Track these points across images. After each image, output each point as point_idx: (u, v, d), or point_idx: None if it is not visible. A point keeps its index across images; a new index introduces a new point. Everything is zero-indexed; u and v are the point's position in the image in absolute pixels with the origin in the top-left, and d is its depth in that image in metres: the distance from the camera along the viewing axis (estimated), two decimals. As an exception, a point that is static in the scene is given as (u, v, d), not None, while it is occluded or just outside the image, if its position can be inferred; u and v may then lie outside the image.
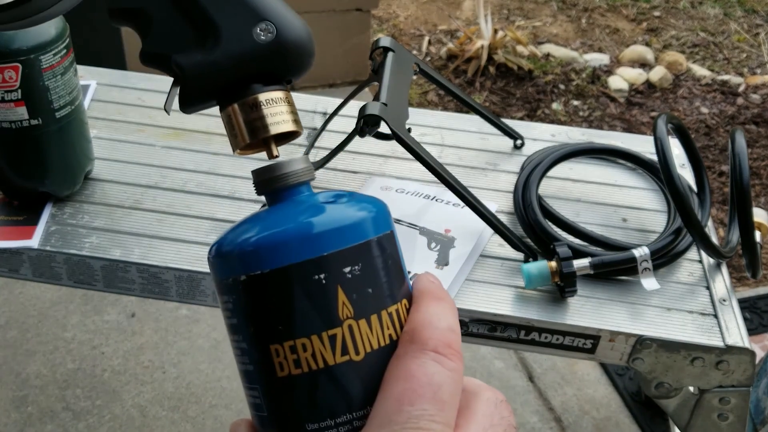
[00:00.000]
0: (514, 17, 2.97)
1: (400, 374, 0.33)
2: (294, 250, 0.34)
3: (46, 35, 0.88)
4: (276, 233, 0.35)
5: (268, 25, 0.38)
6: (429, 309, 0.36)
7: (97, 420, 1.48)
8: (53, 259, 0.92)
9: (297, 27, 0.39)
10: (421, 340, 0.34)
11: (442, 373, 0.33)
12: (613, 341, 0.86)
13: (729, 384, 0.87)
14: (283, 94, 0.40)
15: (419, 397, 0.32)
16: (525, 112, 2.42)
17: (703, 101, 2.50)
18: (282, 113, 0.39)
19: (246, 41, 0.38)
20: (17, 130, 0.90)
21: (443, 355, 0.34)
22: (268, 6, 0.39)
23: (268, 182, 0.38)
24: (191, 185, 1.02)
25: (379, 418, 0.33)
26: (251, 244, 0.35)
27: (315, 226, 0.35)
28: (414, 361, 0.34)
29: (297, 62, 0.40)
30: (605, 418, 1.53)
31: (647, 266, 0.89)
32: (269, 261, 0.34)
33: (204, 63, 0.38)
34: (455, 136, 1.15)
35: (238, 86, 0.39)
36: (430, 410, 0.32)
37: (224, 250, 0.36)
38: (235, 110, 0.39)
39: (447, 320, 0.36)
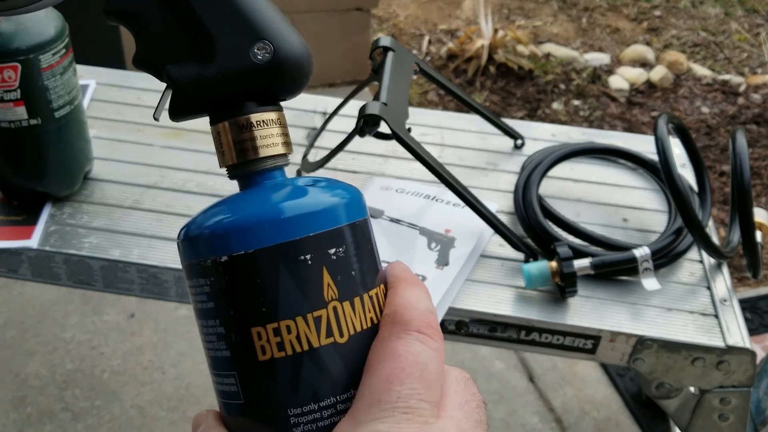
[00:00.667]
0: (514, 17, 2.97)
1: (386, 354, 0.34)
2: (281, 229, 0.34)
3: (45, 35, 0.88)
4: (263, 212, 0.35)
5: (266, 44, 0.37)
6: (407, 293, 0.37)
7: (97, 420, 1.48)
8: (52, 259, 0.92)
9: (295, 47, 0.38)
10: (404, 321, 0.35)
11: (427, 352, 0.34)
12: (613, 341, 0.86)
13: (730, 384, 0.87)
14: (276, 115, 0.38)
15: (408, 376, 0.33)
16: (525, 111, 2.42)
17: (703, 101, 2.49)
18: (272, 135, 0.38)
19: (242, 59, 0.37)
20: (16, 129, 0.90)
21: (426, 335, 0.35)
22: (267, 24, 0.37)
23: (244, 165, 0.38)
24: (191, 185, 1.02)
25: (368, 398, 0.33)
26: (235, 223, 0.35)
27: (304, 206, 0.35)
28: (399, 342, 0.34)
29: (293, 83, 0.39)
30: (606, 418, 1.53)
31: (648, 266, 0.89)
32: (254, 240, 0.34)
33: (196, 78, 0.37)
34: (455, 135, 1.14)
35: (230, 104, 0.38)
36: (418, 389, 0.33)
37: (201, 230, 0.35)
38: (225, 128, 0.38)
39: (425, 302, 0.37)
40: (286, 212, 0.35)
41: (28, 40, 0.87)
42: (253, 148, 0.38)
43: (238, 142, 0.38)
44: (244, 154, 0.38)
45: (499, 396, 1.56)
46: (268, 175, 0.38)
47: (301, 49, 0.38)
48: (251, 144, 0.38)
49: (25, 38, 0.87)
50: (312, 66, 0.39)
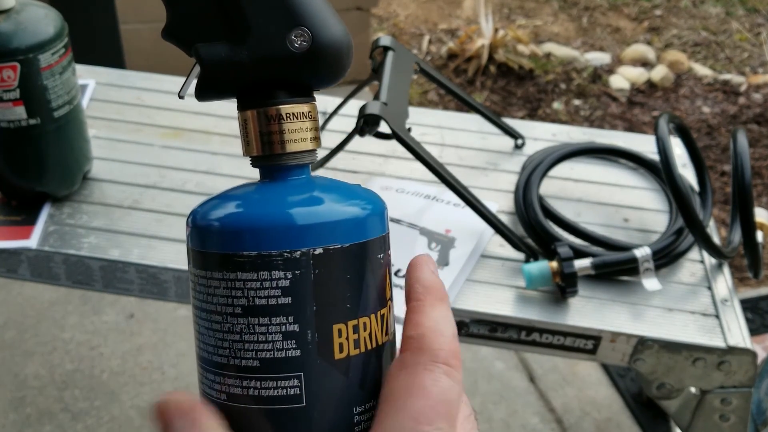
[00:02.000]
0: (515, 16, 2.97)
1: (413, 388, 0.33)
2: (370, 226, 0.35)
3: (44, 34, 0.88)
4: (359, 209, 0.35)
5: (304, 32, 0.34)
6: (435, 313, 0.35)
7: (96, 421, 1.48)
8: (51, 260, 0.92)
9: (336, 36, 0.35)
10: (432, 349, 0.34)
11: (454, 388, 0.33)
12: (614, 342, 0.86)
13: (731, 385, 0.87)
14: (308, 107, 0.36)
15: (436, 416, 0.32)
16: (526, 111, 2.42)
17: (704, 101, 2.49)
18: (302, 130, 0.36)
19: (277, 46, 0.34)
20: (15, 129, 0.90)
21: (452, 367, 0.34)
22: (307, 9, 0.35)
23: (269, 158, 0.36)
24: (190, 185, 1.02)
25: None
26: (328, 215, 0.34)
27: (380, 207, 0.36)
28: (428, 375, 0.33)
29: (330, 74, 0.36)
30: (606, 419, 1.52)
31: (649, 266, 0.89)
32: (349, 235, 0.34)
33: (226, 60, 0.35)
34: (456, 135, 1.14)
35: (260, 91, 0.36)
36: (444, 428, 0.32)
37: (284, 221, 0.33)
38: (253, 117, 0.36)
39: (451, 326, 0.35)
40: (371, 210, 0.35)
41: (27, 39, 0.86)
42: (279, 142, 0.36)
43: (266, 134, 0.36)
44: (270, 147, 0.36)
45: (499, 396, 1.55)
46: (295, 172, 0.36)
47: (342, 38, 0.35)
48: (278, 138, 0.36)
49: (24, 38, 0.86)
50: (351, 56, 0.36)
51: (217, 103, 1.16)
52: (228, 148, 1.08)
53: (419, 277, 0.37)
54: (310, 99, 0.36)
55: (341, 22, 0.36)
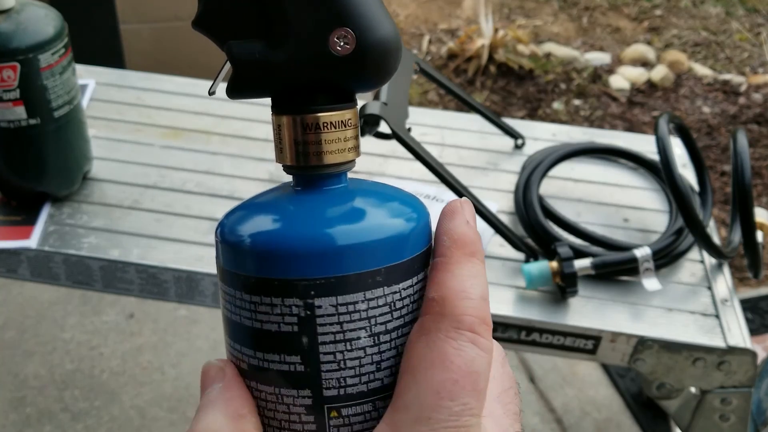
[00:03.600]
0: (515, 16, 2.97)
1: (435, 359, 0.29)
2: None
3: (44, 34, 0.88)
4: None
5: (348, 33, 0.31)
6: (461, 270, 0.31)
7: (96, 421, 1.47)
8: (51, 260, 0.92)
9: (382, 38, 0.31)
10: (455, 314, 0.30)
11: (480, 357, 0.29)
12: (614, 342, 0.86)
13: (731, 385, 0.87)
14: (350, 114, 0.33)
15: (461, 390, 0.29)
16: (526, 111, 2.42)
17: (704, 101, 2.49)
18: (341, 140, 0.32)
19: (316, 47, 0.31)
20: (15, 129, 0.90)
21: (479, 334, 0.30)
22: (352, 7, 0.31)
23: (304, 168, 0.33)
24: (190, 185, 1.02)
25: (414, 411, 0.29)
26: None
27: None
28: (450, 344, 0.29)
29: (374, 79, 0.32)
30: (606, 419, 1.52)
31: (649, 266, 0.89)
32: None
33: (261, 60, 0.31)
34: (456, 135, 1.14)
35: (297, 95, 0.32)
36: (470, 403, 0.29)
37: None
38: (288, 124, 0.32)
39: (481, 287, 0.31)
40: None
41: (27, 39, 0.86)
42: (316, 153, 0.32)
43: (302, 144, 0.32)
44: (305, 158, 0.32)
45: (499, 396, 1.55)
46: (332, 181, 0.33)
47: (389, 40, 0.32)
48: (315, 149, 0.32)
49: (24, 38, 0.86)
50: (400, 57, 0.33)
51: (217, 103, 1.16)
52: (228, 148, 1.08)
53: (448, 228, 0.32)
54: (351, 105, 0.33)
55: (390, 19, 0.32)
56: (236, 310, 0.32)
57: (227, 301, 0.33)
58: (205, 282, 0.90)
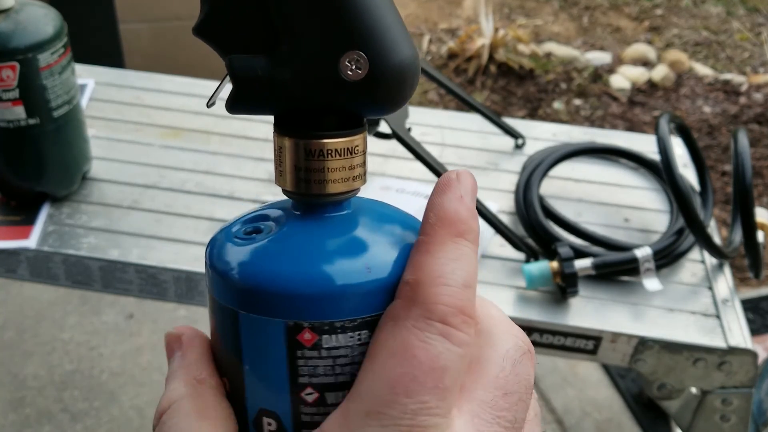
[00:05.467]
0: (515, 16, 2.97)
1: (397, 349, 0.26)
2: None
3: (43, 34, 0.87)
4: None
5: (359, 57, 0.28)
6: (442, 253, 0.28)
7: (95, 422, 1.47)
8: (51, 260, 0.92)
9: (398, 62, 0.28)
10: (426, 302, 0.27)
11: (449, 352, 0.26)
12: (614, 342, 0.86)
13: (731, 385, 0.86)
14: (359, 141, 0.30)
15: (419, 387, 0.26)
16: (526, 111, 2.42)
17: (705, 100, 2.49)
18: (347, 168, 0.30)
19: (326, 71, 0.28)
20: (15, 129, 0.90)
21: (453, 326, 0.27)
22: (367, 28, 0.28)
23: (304, 195, 0.30)
24: (190, 185, 1.02)
25: (366, 403, 0.26)
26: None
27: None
28: (416, 334, 0.26)
29: (387, 105, 0.29)
30: (607, 419, 1.52)
31: (649, 267, 0.88)
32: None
33: (263, 77, 0.29)
34: (456, 135, 1.14)
35: (301, 119, 0.29)
36: (429, 402, 0.26)
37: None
38: (290, 147, 0.30)
39: (464, 272, 0.27)
40: None
41: (26, 39, 0.86)
42: (318, 182, 0.29)
43: (303, 170, 0.30)
44: (307, 186, 0.30)
45: (499, 396, 1.55)
46: (335, 208, 0.30)
47: (406, 65, 0.29)
48: (317, 177, 0.29)
49: (23, 37, 0.86)
50: (416, 83, 0.30)
51: (217, 103, 1.16)
52: (227, 147, 1.08)
53: (435, 203, 0.29)
54: (360, 130, 0.30)
55: (409, 42, 0.29)
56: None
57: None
58: (205, 282, 0.90)
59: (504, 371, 0.28)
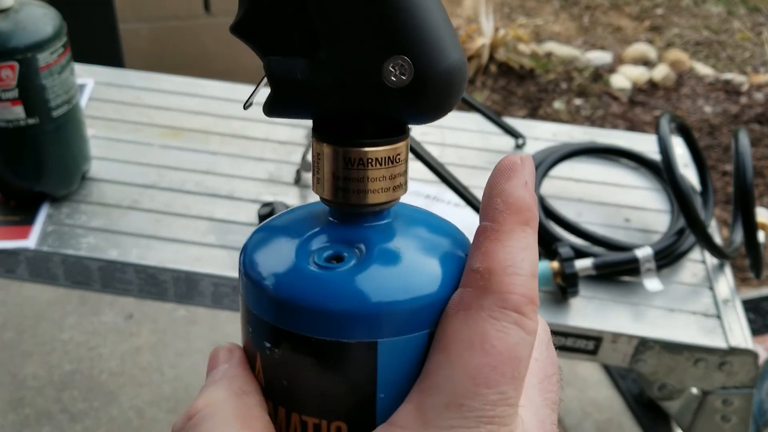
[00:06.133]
0: (515, 15, 2.96)
1: (475, 339, 0.26)
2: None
3: (42, 33, 0.87)
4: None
5: (404, 62, 0.27)
6: (513, 241, 0.27)
7: (95, 422, 1.47)
8: (50, 260, 0.91)
9: (445, 68, 0.27)
10: (501, 291, 0.26)
11: (524, 342, 0.26)
12: (615, 342, 0.86)
13: (732, 385, 0.86)
14: (401, 149, 0.29)
15: (500, 377, 0.26)
16: (527, 111, 2.41)
17: (706, 100, 2.49)
18: (388, 178, 0.28)
19: (368, 77, 0.27)
20: (14, 129, 0.90)
21: (525, 315, 0.26)
22: (413, 33, 0.27)
23: (343, 205, 0.29)
24: (189, 185, 1.01)
25: (446, 396, 0.26)
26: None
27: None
28: (492, 324, 0.26)
29: (432, 112, 0.28)
30: (607, 420, 1.52)
31: (650, 267, 0.88)
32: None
33: (302, 81, 0.28)
34: (456, 135, 1.14)
35: (341, 125, 0.28)
36: (508, 392, 0.26)
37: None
38: (329, 155, 0.28)
39: (532, 261, 0.27)
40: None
41: (25, 38, 0.86)
42: (357, 192, 0.28)
43: (342, 179, 0.28)
44: (345, 196, 0.28)
45: (500, 397, 1.55)
46: (374, 218, 0.29)
47: (453, 72, 0.28)
48: (357, 186, 0.28)
49: (22, 37, 0.86)
50: (463, 88, 0.29)
51: (216, 103, 1.16)
52: (227, 147, 1.08)
53: (503, 189, 0.28)
54: (402, 138, 0.29)
55: (457, 46, 0.28)
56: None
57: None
58: (204, 282, 0.90)
59: (542, 354, 0.29)
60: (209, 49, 1.96)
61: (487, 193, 0.28)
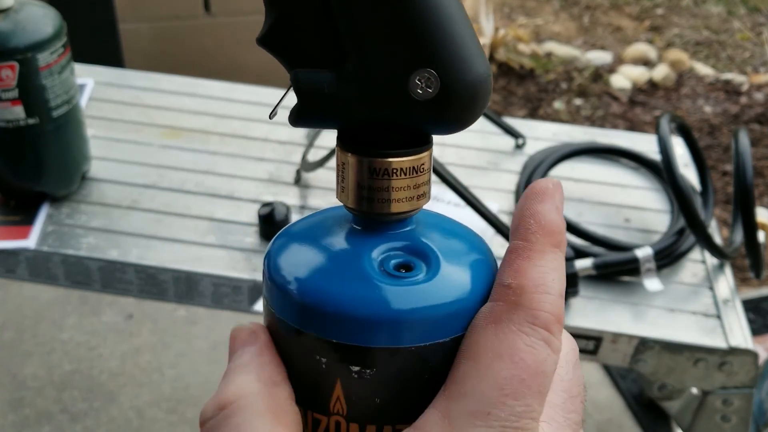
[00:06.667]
0: (515, 15, 2.96)
1: (505, 352, 0.27)
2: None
3: (42, 33, 0.87)
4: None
5: (431, 75, 0.27)
6: (546, 262, 0.28)
7: (95, 422, 1.47)
8: (50, 260, 0.91)
9: (471, 80, 0.28)
10: (531, 307, 0.27)
11: (550, 358, 0.27)
12: (615, 342, 0.86)
13: (732, 385, 0.86)
14: (425, 159, 0.29)
15: (527, 390, 0.26)
16: (527, 110, 2.41)
17: (706, 100, 2.49)
18: (411, 187, 0.29)
19: (394, 89, 0.27)
20: (14, 129, 0.90)
21: (553, 334, 0.27)
22: (439, 46, 0.27)
23: (367, 214, 0.29)
24: (189, 185, 1.01)
25: (473, 402, 0.26)
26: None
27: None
28: (522, 338, 0.27)
29: (457, 124, 0.29)
30: (607, 420, 1.52)
31: (650, 267, 0.88)
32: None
33: (330, 95, 0.28)
34: (456, 135, 1.14)
35: (366, 135, 0.29)
36: (533, 406, 0.26)
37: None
38: (354, 164, 0.29)
39: (561, 282, 0.28)
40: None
41: (25, 38, 0.86)
42: (381, 201, 0.29)
43: (366, 188, 0.29)
44: (369, 205, 0.29)
45: (500, 397, 1.55)
46: (398, 225, 0.30)
47: (479, 84, 0.28)
48: (381, 196, 0.29)
49: (22, 37, 0.86)
50: (488, 101, 0.29)
51: (216, 103, 1.16)
52: (227, 147, 1.08)
53: (536, 211, 0.29)
54: (426, 148, 0.29)
55: (483, 57, 0.28)
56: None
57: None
58: (205, 283, 0.90)
59: (568, 374, 0.29)
60: (209, 49, 1.96)
61: (520, 214, 0.29)
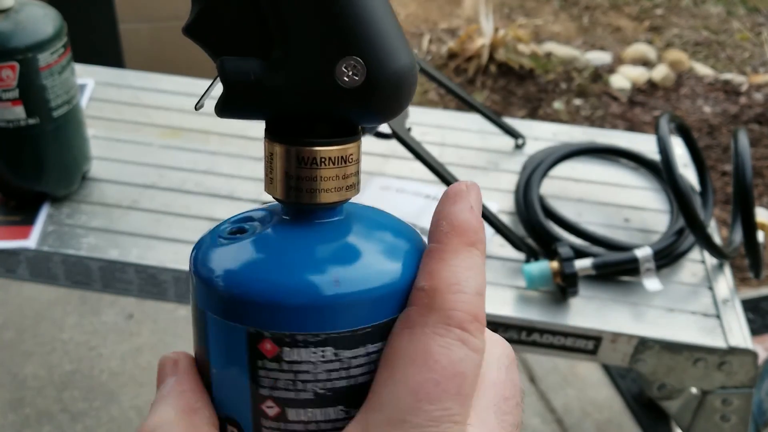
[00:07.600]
0: (515, 15, 2.96)
1: (418, 356, 0.26)
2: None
3: (43, 34, 0.87)
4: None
5: (357, 63, 0.27)
6: (457, 261, 0.28)
7: (95, 422, 1.47)
8: (50, 260, 0.91)
9: (396, 69, 0.28)
10: (444, 308, 0.27)
11: (468, 358, 0.27)
12: (615, 342, 0.86)
13: (732, 385, 0.86)
14: (353, 149, 0.29)
15: (443, 393, 0.26)
16: (526, 111, 2.42)
17: (705, 100, 2.49)
18: (340, 177, 0.29)
19: (321, 77, 0.27)
20: (14, 129, 0.90)
21: (469, 332, 0.27)
22: (365, 34, 0.27)
23: (294, 204, 0.29)
24: (189, 185, 1.02)
25: (388, 411, 0.26)
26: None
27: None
28: (436, 340, 0.26)
29: (384, 113, 0.29)
30: (607, 419, 1.52)
31: (650, 267, 0.88)
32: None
33: (255, 82, 0.28)
34: (456, 135, 1.14)
35: (294, 125, 0.29)
36: (452, 408, 0.26)
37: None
38: (281, 154, 0.29)
39: (477, 280, 0.28)
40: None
41: (26, 39, 0.86)
42: (309, 191, 0.29)
43: (293, 178, 0.29)
44: (297, 195, 0.29)
45: (499, 396, 1.55)
46: (326, 214, 0.30)
47: (404, 73, 0.28)
48: (308, 186, 0.29)
49: (23, 37, 0.86)
50: (413, 92, 0.30)
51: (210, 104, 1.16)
52: (227, 147, 1.08)
53: (448, 212, 0.29)
54: (355, 138, 0.29)
55: (407, 49, 0.29)
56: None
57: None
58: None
59: (501, 377, 0.29)
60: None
61: (434, 219, 0.29)
